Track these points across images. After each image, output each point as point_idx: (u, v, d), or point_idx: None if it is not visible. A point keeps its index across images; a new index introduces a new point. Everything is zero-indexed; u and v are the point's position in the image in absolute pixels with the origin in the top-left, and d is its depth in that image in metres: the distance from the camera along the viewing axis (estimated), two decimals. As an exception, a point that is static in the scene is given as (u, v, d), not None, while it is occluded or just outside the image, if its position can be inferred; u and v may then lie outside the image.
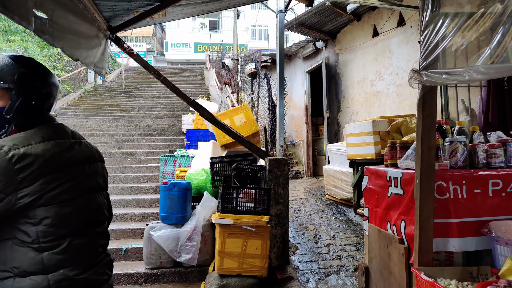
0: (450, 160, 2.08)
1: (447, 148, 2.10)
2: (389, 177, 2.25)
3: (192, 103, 4.43)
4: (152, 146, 8.56)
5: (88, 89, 15.49)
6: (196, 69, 23.37)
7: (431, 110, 1.89)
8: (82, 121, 10.15)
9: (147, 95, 15.64)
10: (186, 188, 4.54)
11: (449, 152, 2.08)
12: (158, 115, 12.54)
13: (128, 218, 5.58)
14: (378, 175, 2.45)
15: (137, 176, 6.88)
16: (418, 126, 1.92)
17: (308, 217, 5.50)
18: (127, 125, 9.94)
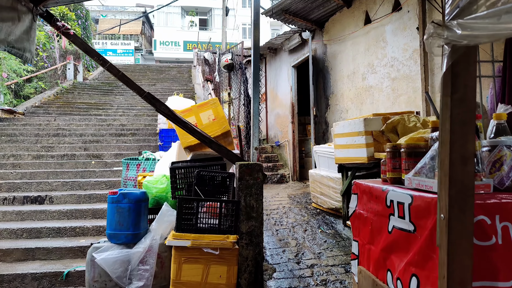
0: (490, 176, 1.28)
1: (486, 156, 1.30)
2: (389, 200, 1.45)
3: (147, 96, 3.58)
4: (123, 148, 7.69)
5: (66, 86, 14.51)
6: (183, 67, 22.46)
7: (467, 92, 1.09)
8: (49, 120, 9.22)
9: (129, 93, 14.70)
10: (139, 199, 3.69)
11: (489, 164, 1.28)
12: (137, 113, 11.65)
13: (79, 232, 4.71)
14: (372, 196, 1.64)
15: (99, 181, 6.01)
16: (444, 119, 1.11)
17: (291, 230, 4.68)
18: (98, 124, 9.04)
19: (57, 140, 7.81)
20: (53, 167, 6.62)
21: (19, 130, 8.27)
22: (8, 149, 7.24)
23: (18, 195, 5.40)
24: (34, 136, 8.01)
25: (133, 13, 31.55)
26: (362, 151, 4.18)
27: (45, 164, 6.64)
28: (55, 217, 5.05)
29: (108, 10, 32.40)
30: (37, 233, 4.62)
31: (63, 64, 15.42)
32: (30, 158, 6.92)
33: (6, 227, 4.58)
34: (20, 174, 6.16)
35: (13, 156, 6.88)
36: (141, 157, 5.42)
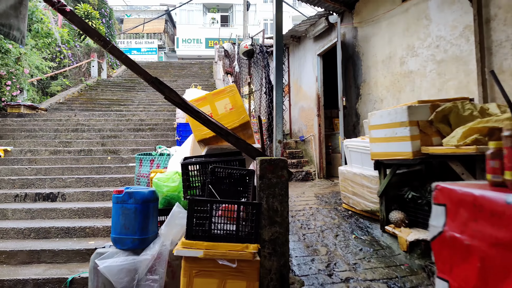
0: None
1: None
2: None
3: (153, 82, 3.07)
4: (140, 143, 7.28)
5: (90, 83, 14.38)
6: (205, 64, 22.10)
7: None
8: (70, 115, 8.97)
9: (150, 89, 14.41)
10: (147, 199, 3.19)
11: None
12: (158, 109, 11.32)
13: (89, 233, 4.29)
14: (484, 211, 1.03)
15: (113, 178, 5.60)
16: None
17: (319, 234, 4.09)
18: (117, 120, 8.70)
19: (75, 136, 7.50)
20: (69, 163, 6.28)
21: (39, 125, 8.02)
22: (26, 144, 6.98)
23: (31, 192, 5.05)
24: (53, 131, 7.74)
25: (156, 12, 31.50)
26: (406, 145, 3.54)
27: (61, 159, 6.31)
28: (66, 216, 4.66)
29: (132, 9, 32.52)
30: (45, 233, 4.23)
31: (87, 62, 15.32)
32: (47, 154, 6.61)
33: (14, 226, 4.21)
34: (35, 170, 5.84)
35: (31, 152, 6.60)
36: (155, 152, 4.96)
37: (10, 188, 5.35)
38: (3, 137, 7.20)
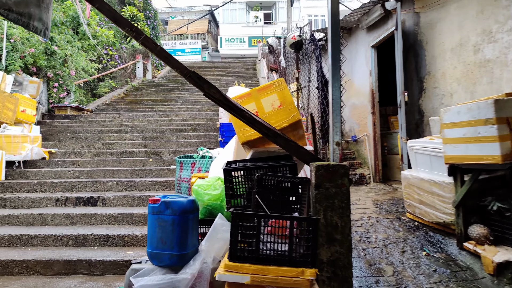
0: None
1: None
2: None
3: (191, 76, 2.71)
4: (182, 144, 7.06)
5: (135, 84, 14.62)
6: (248, 62, 21.86)
7: None
8: (114, 116, 9.00)
9: (194, 89, 14.37)
10: (186, 210, 2.83)
11: None
12: (201, 109, 11.15)
13: (128, 241, 4.04)
14: None
15: (154, 182, 5.38)
16: None
17: (383, 250, 3.53)
18: (160, 120, 8.59)
19: (118, 137, 7.45)
20: (111, 165, 6.17)
21: (84, 127, 8.09)
22: (71, 146, 7.01)
23: (71, 196, 4.94)
24: (98, 132, 7.75)
25: (200, 13, 31.83)
26: (493, 146, 2.89)
27: (104, 162, 6.22)
28: (105, 222, 4.47)
29: (177, 11, 33.13)
30: (84, 241, 4.04)
31: (133, 63, 15.60)
32: (90, 156, 6.57)
33: (52, 233, 4.06)
34: (78, 173, 5.77)
35: (74, 154, 6.59)
36: (196, 154, 4.64)
37: (52, 191, 5.29)
38: (49, 139, 7.29)
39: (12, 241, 4.02)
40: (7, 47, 7.18)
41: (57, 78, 8.89)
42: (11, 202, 4.87)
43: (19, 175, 5.75)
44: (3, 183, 5.33)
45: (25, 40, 7.60)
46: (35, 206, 4.86)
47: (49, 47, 8.09)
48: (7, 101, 6.15)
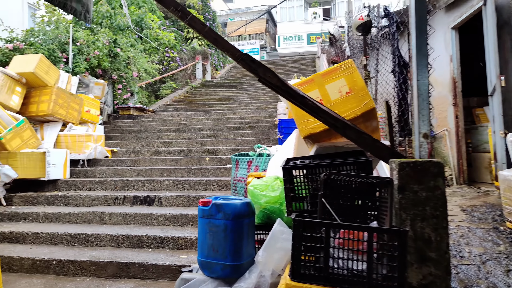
0: None
1: None
2: None
3: (244, 59, 2.33)
4: (240, 142, 6.77)
5: (195, 85, 14.81)
6: (307, 59, 21.25)
7: None
8: (173, 115, 9.04)
9: (252, 88, 14.19)
10: (240, 214, 2.46)
11: None
12: (259, 107, 10.86)
13: (182, 244, 3.80)
14: None
15: (210, 181, 5.13)
16: None
17: (480, 267, 2.86)
18: (218, 118, 8.42)
19: (176, 136, 7.39)
20: (168, 164, 6.07)
21: (145, 126, 8.19)
22: (132, 145, 7.08)
23: (129, 195, 4.86)
24: (157, 132, 7.79)
25: (258, 13, 31.81)
26: None
27: (161, 160, 6.15)
28: (160, 223, 4.29)
29: (235, 13, 33.48)
30: (138, 242, 3.88)
31: (193, 64, 15.84)
32: (149, 154, 6.56)
33: (109, 233, 3.96)
34: (136, 172, 5.74)
35: (134, 153, 6.63)
36: (253, 152, 4.28)
37: (112, 190, 5.28)
38: (113, 138, 7.45)
39: (70, 239, 3.98)
40: (73, 50, 7.47)
41: (121, 80, 9.15)
42: (73, 200, 4.92)
43: (83, 173, 5.87)
44: (68, 181, 5.45)
45: (90, 43, 7.88)
46: (95, 205, 4.86)
47: (113, 49, 8.33)
48: (73, 102, 6.34)
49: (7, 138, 5.20)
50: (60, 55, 7.43)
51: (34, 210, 4.56)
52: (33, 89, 6.12)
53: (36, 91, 6.10)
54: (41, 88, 6.09)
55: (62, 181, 5.44)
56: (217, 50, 20.27)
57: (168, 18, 19.11)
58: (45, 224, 4.39)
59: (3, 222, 4.47)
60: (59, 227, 4.25)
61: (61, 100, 6.10)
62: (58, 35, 7.54)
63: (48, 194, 5.03)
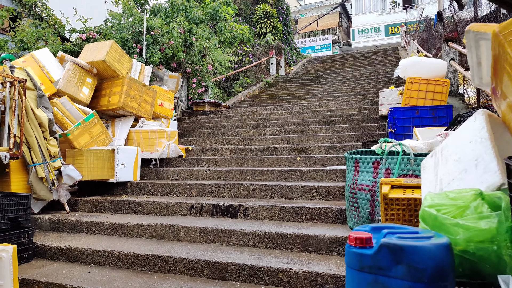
0: None
1: None
2: None
3: None
4: (335, 139, 5.46)
5: (269, 81, 13.79)
6: (388, 50, 19.10)
7: None
8: (251, 110, 8.02)
9: (331, 81, 12.76)
10: (443, 269, 1.21)
11: None
12: (345, 100, 9.43)
13: (283, 280, 2.63)
14: None
15: (307, 187, 3.91)
16: None
17: None
18: (302, 112, 7.20)
19: (257, 132, 6.31)
20: (251, 164, 5.00)
21: (221, 122, 7.27)
22: (208, 142, 6.16)
23: (207, 203, 3.85)
24: (235, 128, 6.80)
25: (330, 7, 30.03)
26: None
27: (242, 160, 5.09)
28: (249, 243, 3.18)
29: (306, 8, 32.05)
30: (222, 272, 2.80)
31: (267, 59, 14.85)
32: (228, 153, 5.56)
33: (184, 256, 2.94)
34: (214, 173, 4.75)
35: (211, 151, 5.68)
36: (379, 148, 2.96)
37: (187, 195, 4.34)
38: (187, 135, 6.63)
39: (137, 262, 3.04)
40: (148, 40, 6.80)
41: (195, 74, 8.40)
42: (143, 207, 4.05)
43: (155, 174, 5.04)
44: (138, 184, 4.62)
45: (165, 33, 7.17)
46: (167, 214, 3.93)
47: (188, 38, 7.55)
48: (145, 94, 5.58)
49: (75, 134, 4.52)
50: (134, 45, 6.81)
51: (99, 220, 3.74)
52: (104, 80, 5.47)
53: (107, 82, 5.44)
54: (112, 79, 5.41)
55: (132, 184, 4.64)
56: (290, 45, 19.11)
57: (240, 15, 18.45)
58: (109, 238, 3.53)
59: (63, 233, 3.72)
60: (125, 243, 3.35)
61: (133, 92, 5.36)
62: (132, 25, 6.93)
63: (115, 199, 4.23)
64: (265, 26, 17.50)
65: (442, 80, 4.58)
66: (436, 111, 4.49)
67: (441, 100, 4.57)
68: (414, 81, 4.64)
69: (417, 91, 4.64)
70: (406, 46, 17.06)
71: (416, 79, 4.64)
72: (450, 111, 4.47)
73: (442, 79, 4.59)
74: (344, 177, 4.12)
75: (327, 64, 17.69)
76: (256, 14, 17.80)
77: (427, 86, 4.61)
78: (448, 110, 4.47)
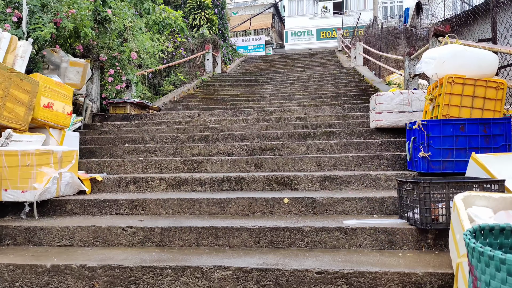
0: None
1: None
2: None
3: None
4: (327, 162, 3.61)
5: (206, 78, 11.63)
6: (326, 53, 18.21)
7: None
8: (191, 115, 5.85)
9: (277, 82, 11.10)
10: None
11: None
12: (301, 103, 7.79)
13: None
14: None
15: (326, 273, 1.99)
16: None
17: None
18: (262, 119, 5.27)
19: (206, 149, 4.20)
20: (206, 211, 2.89)
21: (151, 131, 5.00)
22: (130, 166, 3.86)
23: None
24: (172, 141, 4.61)
25: (263, 6, 28.69)
26: None
27: (190, 203, 2.94)
28: None
29: (239, 6, 30.30)
30: None
31: (202, 54, 12.63)
32: (164, 187, 3.37)
33: None
34: (142, 235, 2.55)
35: (135, 183, 3.42)
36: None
37: None
38: (97, 154, 4.25)
39: None
40: (32, 3, 4.25)
41: (112, 63, 5.97)
42: None
43: (25, 237, 2.65)
44: (-18, 266, 2.24)
45: (62, -3, 4.65)
46: None
47: (100, 9, 5.09)
48: (15, 87, 3.14)
49: None
50: (9, 10, 4.22)
51: None
52: None
53: None
54: None
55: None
56: (227, 41, 17.09)
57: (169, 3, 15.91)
58: None
59: None
60: None
61: (-12, 83, 2.90)
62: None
63: None
64: (198, 18, 15.24)
65: (495, 80, 3.02)
66: (489, 127, 2.91)
67: (495, 110, 3.01)
68: (456, 80, 3.01)
69: (459, 96, 3.02)
70: (345, 49, 16.23)
71: (458, 78, 3.01)
72: (509, 127, 2.92)
73: (495, 80, 3.03)
74: (381, 243, 2.29)
75: (266, 64, 16.10)
76: (189, 4, 15.46)
77: (475, 90, 3.01)
78: (507, 126, 2.92)
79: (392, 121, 4.11)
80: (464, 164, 2.89)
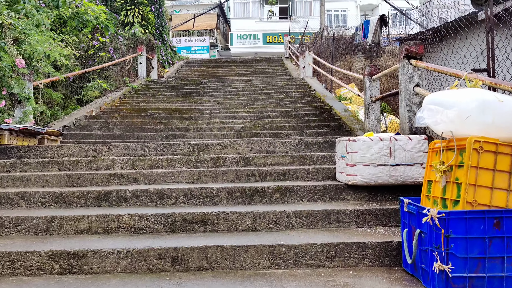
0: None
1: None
2: None
3: None
4: (285, 255, 2.35)
5: (137, 86, 9.86)
6: (273, 59, 17.18)
7: None
8: (98, 150, 4.24)
9: (220, 93, 9.73)
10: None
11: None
12: (246, 125, 6.55)
13: None
14: None
15: None
16: None
17: None
18: (194, 159, 3.85)
19: (100, 221, 2.68)
20: None
21: (27, 181, 3.35)
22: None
23: None
24: (52, 201, 3.02)
25: (208, 6, 27.08)
26: None
27: None
28: None
29: (182, 4, 28.33)
30: None
31: (134, 57, 10.80)
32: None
33: None
34: None
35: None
36: None
37: None
38: None
39: None
40: None
41: (-17, 73, 4.18)
42: None
43: None
44: None
45: None
46: None
47: None
48: None
49: None
50: None
51: None
52: None
53: None
54: None
55: None
56: (165, 43, 15.27)
57: (98, -5, 13.72)
58: None
59: None
60: None
61: None
62: None
63: None
64: (131, 15, 13.28)
65: (539, 148, 1.95)
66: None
67: (541, 195, 1.95)
68: (486, 147, 1.90)
69: (490, 172, 1.91)
70: (292, 56, 15.32)
71: (489, 143, 1.91)
72: None
73: (538, 147, 1.97)
74: None
75: (209, 69, 14.63)
76: (120, -2, 13.44)
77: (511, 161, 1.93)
78: None
79: (369, 178, 2.97)
80: (500, 282, 1.79)
